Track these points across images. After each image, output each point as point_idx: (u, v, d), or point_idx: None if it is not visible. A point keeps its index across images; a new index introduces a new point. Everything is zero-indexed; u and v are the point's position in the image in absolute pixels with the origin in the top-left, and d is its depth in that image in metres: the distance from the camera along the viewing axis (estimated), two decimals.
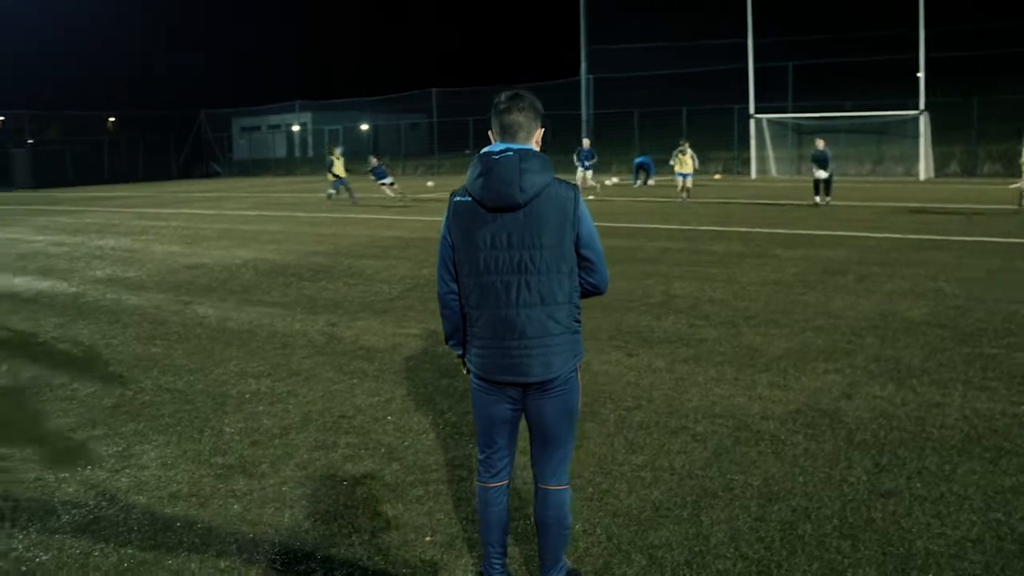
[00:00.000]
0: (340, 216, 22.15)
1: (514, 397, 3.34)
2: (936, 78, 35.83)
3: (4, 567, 4.04)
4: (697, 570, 3.78)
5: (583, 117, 44.48)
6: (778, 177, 36.04)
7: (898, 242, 14.26)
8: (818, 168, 21.41)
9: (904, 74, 35.73)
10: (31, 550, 4.18)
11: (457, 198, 3.28)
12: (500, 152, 3.17)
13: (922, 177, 33.20)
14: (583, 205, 3.24)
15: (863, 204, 22.09)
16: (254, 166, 59.50)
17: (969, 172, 34.52)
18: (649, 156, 33.93)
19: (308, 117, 62.68)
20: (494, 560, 3.55)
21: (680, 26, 45.10)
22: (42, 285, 12.30)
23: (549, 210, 3.14)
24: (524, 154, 3.15)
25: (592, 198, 25.33)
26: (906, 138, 35.01)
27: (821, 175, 21.35)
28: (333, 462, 5.19)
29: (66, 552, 4.15)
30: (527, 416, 3.37)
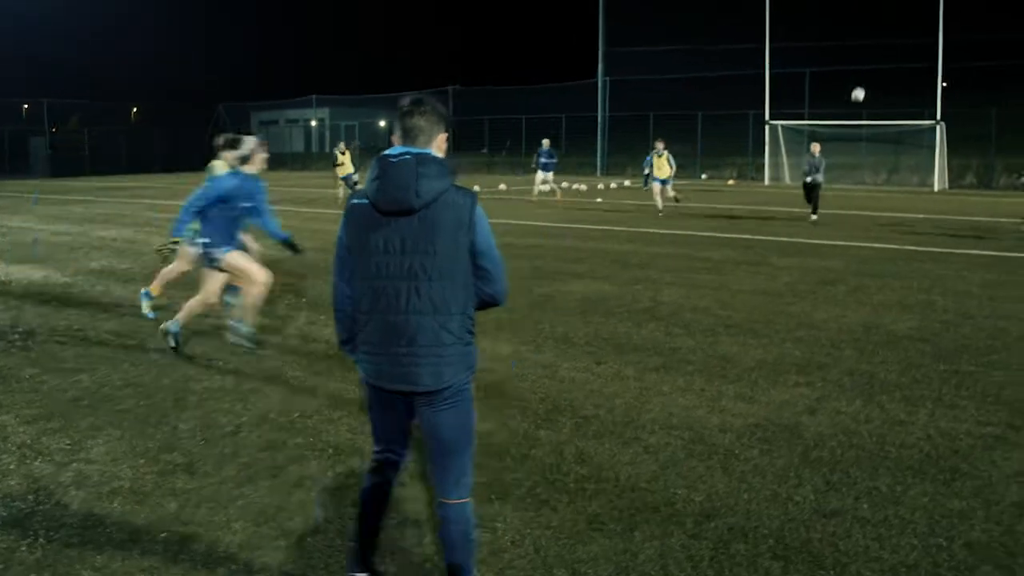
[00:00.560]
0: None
1: (405, 405, 3.27)
2: (953, 88, 35.52)
3: None
4: None
5: (599, 119, 44.41)
6: (792, 184, 35.74)
7: (897, 253, 14.10)
8: (811, 175, 19.42)
9: (921, 83, 35.43)
10: None
11: (354, 200, 3.21)
12: (398, 155, 3.10)
13: (936, 188, 32.90)
14: (480, 212, 3.17)
15: (871, 214, 21.88)
16: (271, 160, 59.63)
17: (985, 184, 34.19)
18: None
19: (326, 112, 62.80)
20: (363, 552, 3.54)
21: (698, 30, 44.81)
22: (36, 275, 12.32)
23: (445, 216, 3.06)
24: (422, 158, 3.08)
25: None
26: (922, 148, 34.74)
27: (817, 179, 19.45)
28: (278, 462, 5.14)
29: None
30: (421, 428, 3.30)
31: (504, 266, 3.28)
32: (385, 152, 3.16)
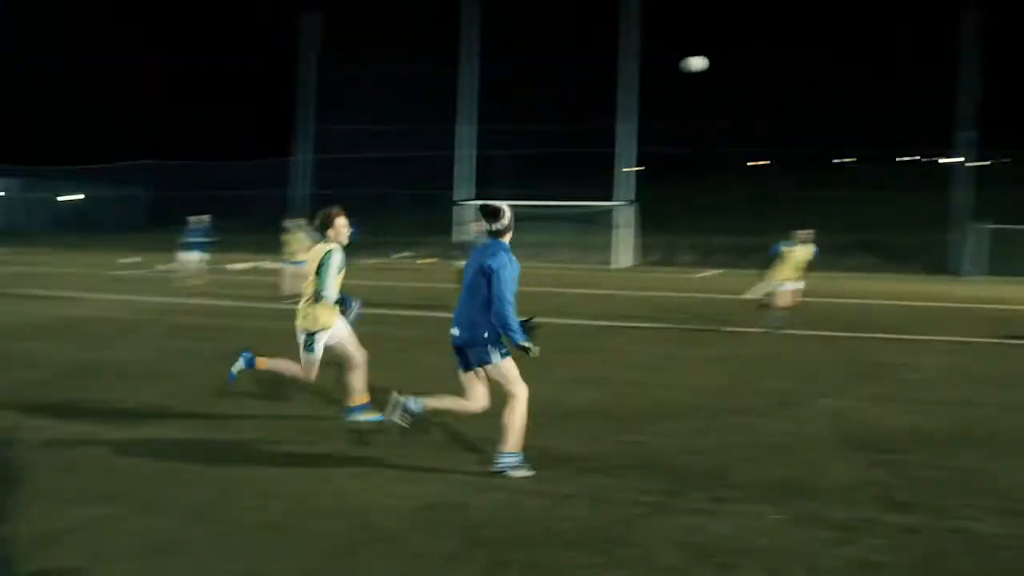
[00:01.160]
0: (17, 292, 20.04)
1: None
2: (644, 172, 38.63)
3: None
4: None
5: (294, 197, 43.98)
6: None
7: (584, 328, 14.75)
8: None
9: (609, 166, 38.17)
10: None
11: None
12: None
13: (623, 265, 35.29)
14: None
15: (560, 290, 22.93)
16: None
17: (670, 261, 37.21)
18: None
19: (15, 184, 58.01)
20: None
21: (396, 109, 45.67)
22: None
23: None
24: None
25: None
26: (609, 228, 37.26)
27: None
28: None
29: None
30: None
31: None
32: None
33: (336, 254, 7.35)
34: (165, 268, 27.37)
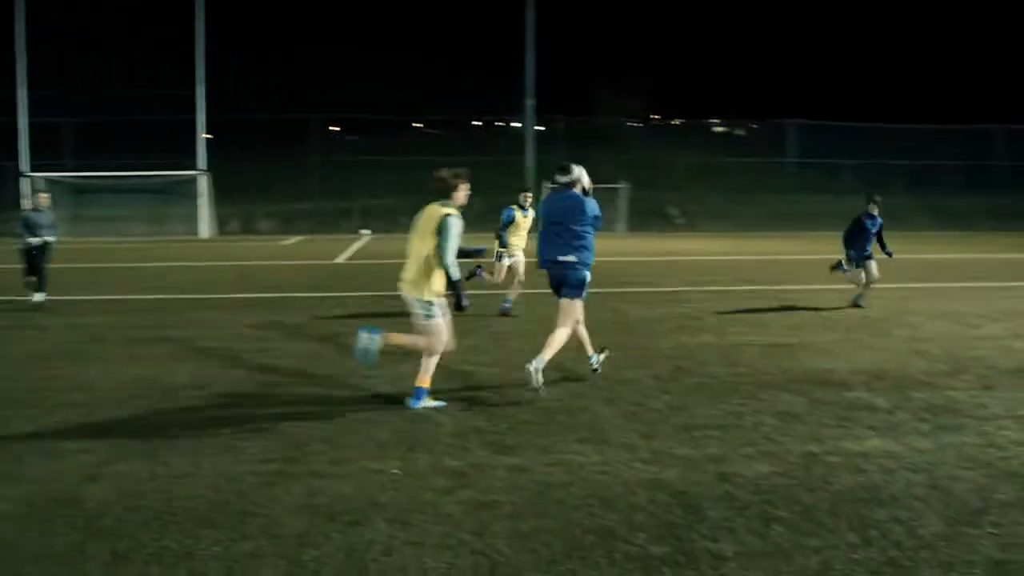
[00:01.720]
0: None
1: None
2: (218, 141, 37.24)
3: None
4: None
5: None
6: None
7: (165, 303, 14.16)
8: (31, 235, 13.73)
9: (184, 135, 36.42)
10: None
11: None
12: None
13: (205, 235, 34.09)
14: None
15: (138, 265, 21.71)
16: None
17: (249, 230, 36.48)
18: None
19: None
20: None
21: None
22: None
23: None
24: None
25: None
26: (188, 198, 35.71)
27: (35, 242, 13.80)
28: None
29: None
30: None
31: None
32: None
33: (458, 220, 7.05)
34: None
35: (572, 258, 7.81)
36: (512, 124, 49.44)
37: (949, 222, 39.45)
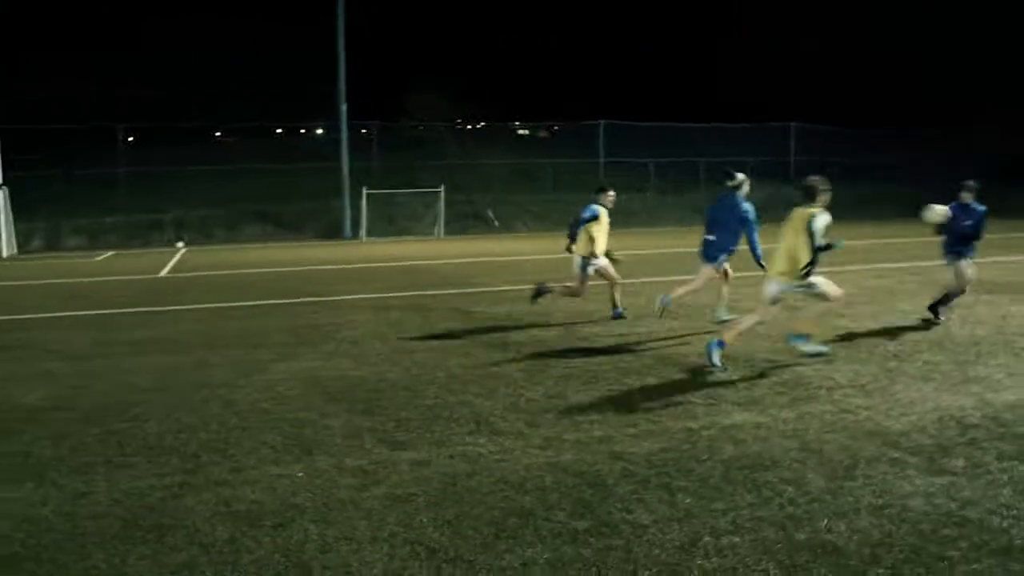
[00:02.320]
0: None
1: None
2: (13, 152, 34.83)
3: None
4: None
5: None
6: None
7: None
8: None
9: None
10: None
11: None
12: None
13: (5, 254, 31.90)
14: None
15: None
16: None
17: (53, 247, 34.40)
18: None
19: None
20: None
21: None
22: None
23: None
24: None
25: None
26: None
27: None
28: None
29: None
30: None
31: None
32: None
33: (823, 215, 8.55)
34: None
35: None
36: (318, 131, 49.03)
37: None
